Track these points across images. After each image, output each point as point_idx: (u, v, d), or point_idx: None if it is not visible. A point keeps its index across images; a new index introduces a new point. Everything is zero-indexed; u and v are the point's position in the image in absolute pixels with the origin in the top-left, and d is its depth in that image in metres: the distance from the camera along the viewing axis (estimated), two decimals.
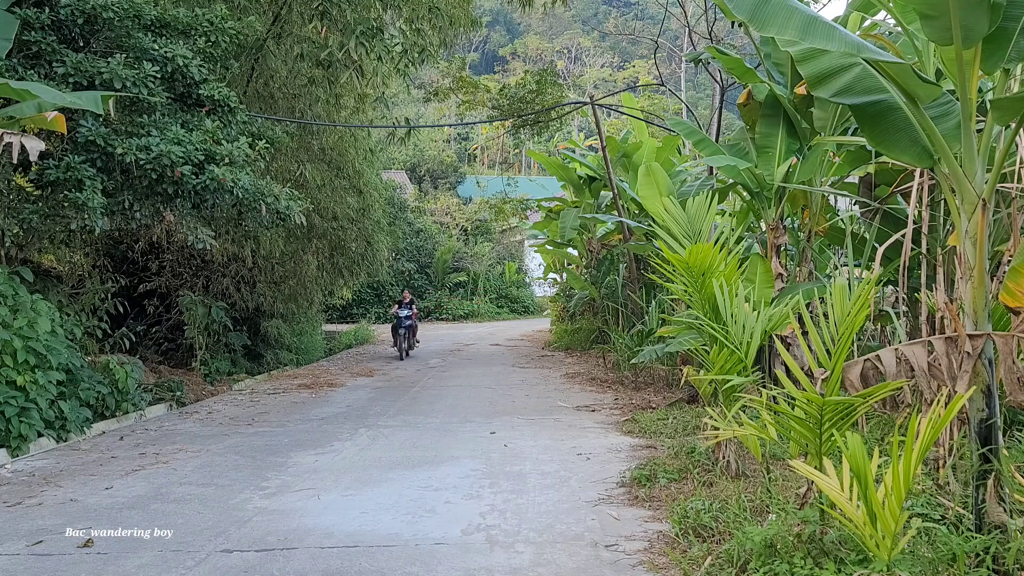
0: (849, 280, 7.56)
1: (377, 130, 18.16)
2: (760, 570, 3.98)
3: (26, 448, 7.88)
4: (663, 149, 15.31)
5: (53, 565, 4.72)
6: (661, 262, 6.79)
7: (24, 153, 6.76)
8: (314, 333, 18.92)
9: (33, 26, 8.58)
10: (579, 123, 51.40)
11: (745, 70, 8.61)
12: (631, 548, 4.85)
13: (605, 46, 77.12)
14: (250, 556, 4.82)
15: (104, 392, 9.44)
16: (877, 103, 4.45)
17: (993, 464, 4.10)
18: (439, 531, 5.27)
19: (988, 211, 4.16)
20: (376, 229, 18.54)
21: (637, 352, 11.41)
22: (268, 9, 12.65)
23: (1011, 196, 5.75)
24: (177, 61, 9.22)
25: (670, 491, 6.01)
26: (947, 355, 4.23)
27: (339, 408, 10.95)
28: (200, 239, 9.65)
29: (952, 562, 3.81)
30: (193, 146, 8.77)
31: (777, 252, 8.99)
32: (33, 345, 8.01)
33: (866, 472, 3.41)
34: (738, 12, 3.97)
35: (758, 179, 8.79)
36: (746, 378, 5.73)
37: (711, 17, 17.32)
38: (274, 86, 13.75)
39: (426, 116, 45.70)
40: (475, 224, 38.14)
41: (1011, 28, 4.06)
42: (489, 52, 78.65)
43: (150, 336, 13.80)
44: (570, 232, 18.33)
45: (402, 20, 12.69)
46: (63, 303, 10.21)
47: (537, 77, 19.47)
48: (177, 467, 7.35)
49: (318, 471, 7.09)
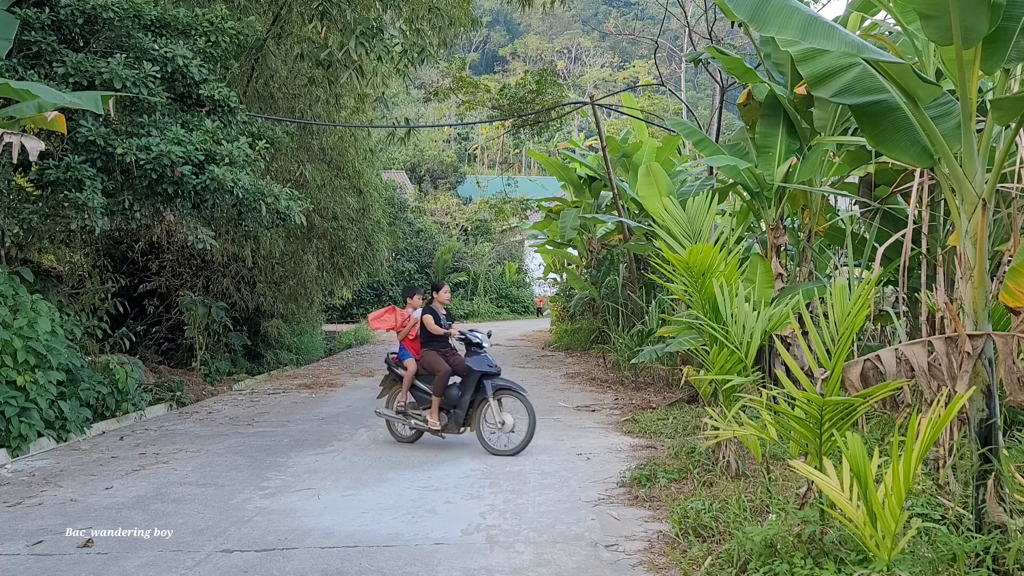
0: (849, 280, 7.56)
1: (377, 130, 18.15)
2: (760, 570, 3.98)
3: (26, 448, 7.88)
4: (663, 149, 15.31)
5: (53, 565, 4.72)
6: (661, 262, 6.79)
7: (24, 153, 6.76)
8: (314, 333, 18.90)
9: (33, 26, 8.58)
10: (579, 123, 51.39)
11: (745, 70, 8.61)
12: (631, 548, 4.85)
13: (605, 46, 77.10)
14: (250, 556, 4.82)
15: (104, 392, 9.44)
16: (877, 103, 4.44)
17: (993, 464, 4.10)
18: (439, 531, 5.27)
19: (988, 211, 4.16)
20: (376, 229, 18.55)
21: (637, 352, 11.41)
22: (268, 9, 12.66)
23: (1011, 196, 5.75)
24: (177, 61, 9.22)
25: (670, 491, 6.01)
26: (947, 355, 4.23)
27: (339, 408, 10.95)
28: (200, 239, 9.65)
29: (952, 562, 3.81)
30: (193, 146, 8.76)
31: (777, 252, 8.99)
32: (33, 345, 8.01)
33: (866, 472, 3.41)
34: (738, 12, 3.97)
35: (758, 179, 8.79)
36: (746, 378, 5.73)
37: (711, 17, 17.32)
38: (274, 86, 13.75)
39: (426, 116, 45.69)
40: (475, 224, 38.16)
41: (1011, 28, 4.06)
42: (489, 52, 78.64)
43: (150, 336, 13.80)
44: (570, 232, 18.33)
45: (402, 20, 12.69)
46: (63, 303, 10.21)
47: (537, 77, 19.47)
48: (177, 467, 7.35)
49: (318, 471, 7.09)
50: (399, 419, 8.23)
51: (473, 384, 7.75)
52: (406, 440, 8.33)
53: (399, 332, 8.34)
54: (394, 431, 8.49)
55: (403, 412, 8.15)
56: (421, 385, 8.09)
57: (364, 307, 31.17)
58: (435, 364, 7.94)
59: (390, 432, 8.54)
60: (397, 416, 8.23)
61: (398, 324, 8.34)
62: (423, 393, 8.07)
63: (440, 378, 7.83)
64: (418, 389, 8.11)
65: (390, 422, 8.49)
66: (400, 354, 8.33)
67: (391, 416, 8.34)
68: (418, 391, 8.12)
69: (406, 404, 8.17)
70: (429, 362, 8.01)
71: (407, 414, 8.14)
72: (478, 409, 7.80)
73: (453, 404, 7.88)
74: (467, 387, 7.78)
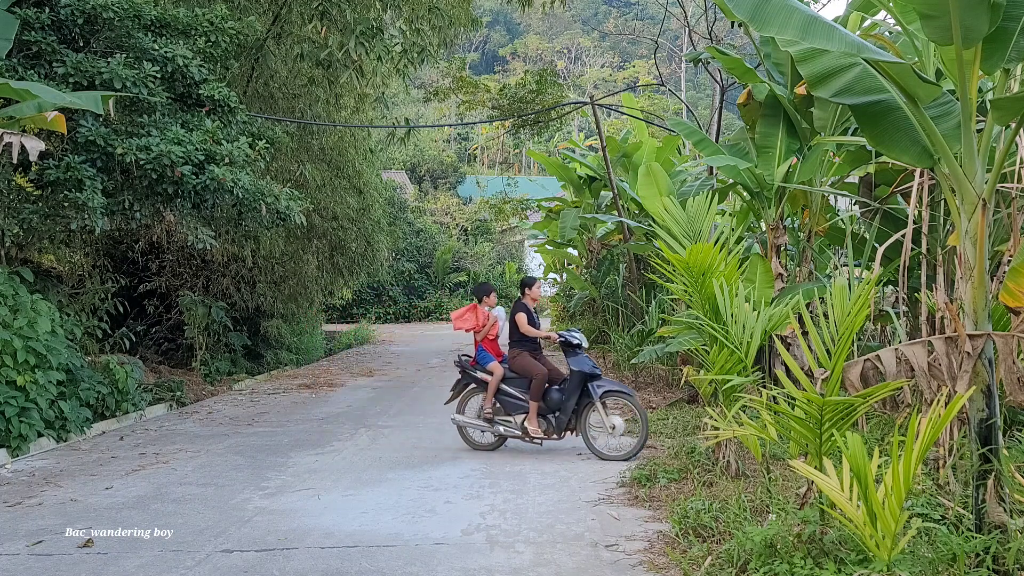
0: (849, 280, 7.56)
1: (377, 130, 18.15)
2: (760, 570, 3.98)
3: (26, 448, 7.88)
4: (663, 149, 15.30)
5: (53, 565, 4.72)
6: (661, 262, 6.79)
7: (24, 153, 6.76)
8: (314, 333, 18.91)
9: (33, 26, 8.58)
10: (579, 123, 51.38)
11: (745, 70, 8.61)
12: (631, 548, 4.85)
13: (605, 46, 77.09)
14: (250, 556, 4.82)
15: (104, 392, 9.44)
16: (877, 103, 4.44)
17: (993, 464, 4.10)
18: (439, 531, 5.27)
19: (988, 211, 4.16)
20: (376, 229, 18.55)
21: (637, 352, 11.41)
22: (268, 9, 12.66)
23: (1011, 196, 5.75)
24: (177, 61, 9.22)
25: (670, 491, 6.01)
26: (947, 355, 4.23)
27: (339, 408, 10.95)
28: (200, 239, 9.66)
29: (952, 562, 3.81)
30: (193, 146, 8.77)
31: (777, 252, 8.98)
32: (33, 345, 8.01)
33: (866, 472, 3.41)
34: (738, 12, 3.97)
35: (758, 179, 8.78)
36: (746, 378, 5.73)
37: (711, 17, 17.31)
38: (274, 86, 13.75)
39: (426, 116, 45.69)
40: (475, 224, 38.14)
41: (1011, 28, 4.05)
42: (489, 52, 78.62)
43: (150, 336, 13.80)
44: (570, 232, 18.31)
45: (402, 20, 12.69)
46: (63, 303, 10.21)
47: (537, 77, 19.46)
48: (177, 467, 7.35)
49: (318, 471, 7.09)
50: (482, 426, 7.67)
51: (578, 387, 7.28)
52: (485, 448, 7.80)
53: (478, 332, 7.87)
54: (469, 438, 7.90)
55: (489, 419, 7.60)
56: (508, 389, 7.56)
57: (364, 307, 31.21)
58: (530, 367, 7.42)
59: (463, 440, 7.93)
60: (482, 424, 7.66)
61: (479, 324, 7.86)
62: (510, 398, 7.55)
63: (539, 382, 7.31)
64: (504, 394, 7.57)
65: (463, 429, 7.88)
66: (479, 356, 7.76)
67: (471, 423, 7.76)
68: (505, 396, 7.57)
69: (493, 410, 7.59)
70: (522, 365, 7.47)
71: (493, 421, 7.61)
72: (583, 413, 7.36)
73: (554, 408, 7.39)
74: (571, 390, 7.29)
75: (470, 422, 7.78)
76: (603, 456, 7.30)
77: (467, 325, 7.94)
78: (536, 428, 7.40)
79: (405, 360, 17.65)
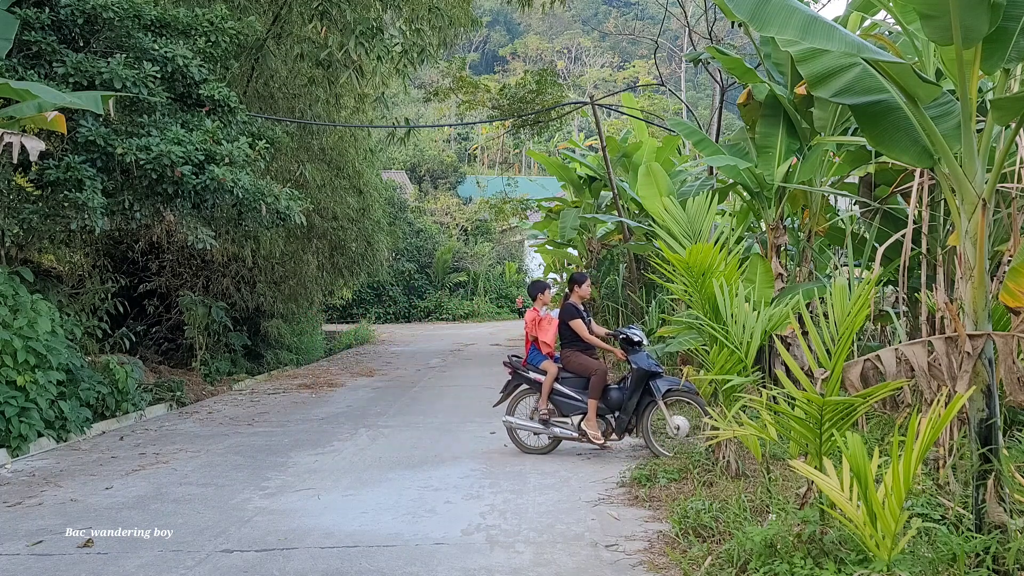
0: (849, 280, 7.55)
1: (377, 130, 18.15)
2: (760, 570, 3.98)
3: (26, 448, 7.88)
4: (663, 149, 15.30)
5: (53, 565, 4.72)
6: (661, 262, 6.79)
7: (24, 153, 6.76)
8: (314, 333, 18.91)
9: (33, 26, 8.58)
10: (579, 123, 51.38)
11: (745, 70, 8.60)
12: (631, 548, 4.85)
13: (605, 46, 77.07)
14: (250, 556, 4.82)
15: (104, 392, 9.44)
16: (877, 103, 4.44)
17: (993, 464, 4.10)
18: (439, 531, 5.27)
19: (988, 211, 4.16)
20: (376, 229, 18.55)
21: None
22: (268, 9, 12.66)
23: (1011, 196, 5.75)
24: (177, 61, 9.22)
25: (670, 491, 6.01)
26: (947, 355, 4.23)
27: (339, 408, 10.95)
28: (200, 239, 9.66)
29: (952, 562, 3.81)
30: (193, 146, 8.77)
31: (777, 252, 8.98)
32: (33, 345, 8.01)
33: (866, 472, 3.41)
34: (738, 12, 3.97)
35: (758, 179, 8.78)
36: (746, 378, 5.73)
37: (711, 17, 17.31)
38: (274, 86, 13.76)
39: (426, 116, 45.69)
40: (475, 224, 38.12)
41: (1011, 28, 4.05)
42: (489, 52, 78.61)
43: (150, 336, 13.80)
44: (570, 232, 18.31)
45: (402, 20, 12.69)
46: (63, 303, 10.21)
47: (537, 77, 19.46)
48: (177, 467, 7.35)
49: (318, 471, 7.09)
50: (536, 428, 7.39)
51: (640, 385, 7.00)
52: (537, 451, 7.54)
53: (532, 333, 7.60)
54: (519, 441, 7.63)
55: (545, 420, 7.31)
56: (563, 389, 7.31)
57: (364, 307, 31.18)
58: (588, 364, 7.14)
59: (514, 442, 7.67)
60: (536, 426, 7.38)
61: (537, 325, 7.60)
62: (565, 398, 7.30)
63: (599, 378, 7.03)
64: (558, 394, 7.32)
65: (514, 431, 7.61)
66: (531, 357, 7.48)
67: (524, 426, 7.47)
68: (559, 396, 7.31)
69: (548, 412, 7.31)
70: (579, 363, 7.22)
71: (549, 423, 7.33)
72: (644, 413, 7.05)
73: (615, 408, 7.11)
74: (634, 389, 7.00)
75: (523, 424, 7.51)
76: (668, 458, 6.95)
77: (551, 336, 7.48)
78: (595, 430, 7.10)
79: (405, 360, 17.64)
